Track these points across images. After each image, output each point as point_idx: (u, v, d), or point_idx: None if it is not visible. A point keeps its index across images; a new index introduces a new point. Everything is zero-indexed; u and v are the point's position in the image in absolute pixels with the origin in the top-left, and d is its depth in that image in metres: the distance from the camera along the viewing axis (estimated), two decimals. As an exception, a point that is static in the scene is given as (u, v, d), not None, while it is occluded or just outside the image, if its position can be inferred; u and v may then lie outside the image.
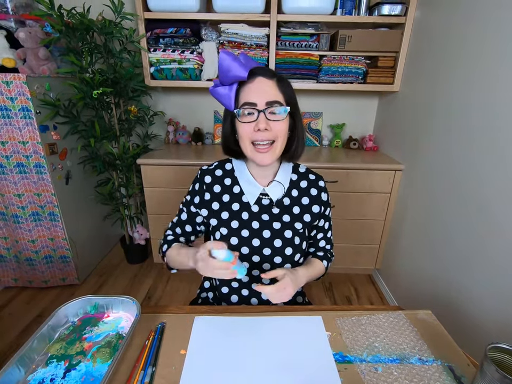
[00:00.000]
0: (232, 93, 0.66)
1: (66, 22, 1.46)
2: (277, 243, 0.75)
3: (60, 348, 0.59)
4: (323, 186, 0.82)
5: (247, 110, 0.66)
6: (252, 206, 0.77)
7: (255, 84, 0.66)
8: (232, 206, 0.78)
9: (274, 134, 0.68)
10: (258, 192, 0.77)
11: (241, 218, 0.77)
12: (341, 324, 0.67)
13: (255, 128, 0.66)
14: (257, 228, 0.76)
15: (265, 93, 0.66)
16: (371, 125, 2.08)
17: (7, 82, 1.36)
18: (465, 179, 1.14)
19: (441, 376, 0.55)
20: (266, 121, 0.66)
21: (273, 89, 0.66)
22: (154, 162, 1.66)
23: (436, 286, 1.30)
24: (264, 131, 0.66)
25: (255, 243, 0.76)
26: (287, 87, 0.69)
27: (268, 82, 0.66)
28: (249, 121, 0.66)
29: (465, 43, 1.16)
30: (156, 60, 1.67)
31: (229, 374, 0.55)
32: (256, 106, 0.65)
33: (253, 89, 0.66)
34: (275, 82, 0.67)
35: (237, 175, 0.79)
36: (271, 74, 0.68)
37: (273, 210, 0.77)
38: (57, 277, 1.78)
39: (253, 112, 0.66)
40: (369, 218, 1.76)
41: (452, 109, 1.23)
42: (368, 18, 1.59)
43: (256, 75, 0.66)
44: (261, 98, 0.65)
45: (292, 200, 0.78)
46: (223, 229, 0.77)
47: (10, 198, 1.56)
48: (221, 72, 0.64)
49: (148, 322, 0.66)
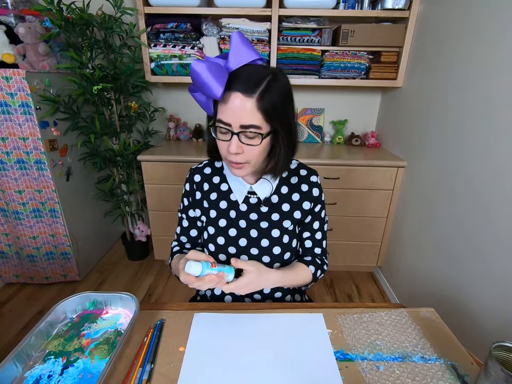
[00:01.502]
0: (210, 103, 0.61)
1: (65, 17, 1.44)
2: (264, 243, 0.74)
3: (58, 345, 0.58)
4: (315, 182, 0.77)
5: (222, 129, 0.61)
6: (240, 204, 0.75)
7: (230, 102, 0.57)
8: (220, 204, 0.76)
9: (247, 158, 0.62)
10: (245, 190, 0.75)
11: (229, 217, 0.75)
12: (342, 321, 0.66)
13: (228, 149, 0.61)
14: (244, 227, 0.75)
15: (241, 115, 0.57)
16: (373, 121, 2.06)
17: (6, 78, 1.35)
18: (468, 176, 1.13)
19: (444, 375, 0.54)
20: (239, 145, 0.60)
21: (250, 110, 0.57)
22: (155, 158, 1.65)
23: (438, 284, 1.29)
24: (236, 154, 0.61)
25: (242, 243, 0.74)
26: (269, 102, 0.57)
27: (245, 102, 0.56)
28: (224, 140, 0.62)
29: (469, 37, 1.14)
30: (156, 55, 1.66)
31: (228, 371, 0.54)
32: (231, 127, 0.59)
33: (228, 108, 0.57)
34: (254, 101, 0.56)
35: (226, 173, 0.77)
36: (253, 88, 0.56)
37: (261, 209, 0.75)
38: (58, 273, 1.78)
39: (227, 132, 0.60)
40: (371, 216, 1.74)
41: (456, 105, 1.21)
42: (371, 13, 1.56)
43: (233, 90, 0.56)
44: (236, 120, 0.58)
45: (280, 197, 0.76)
46: (210, 228, 0.76)
47: (11, 194, 1.56)
48: (195, 86, 0.58)
49: (147, 319, 0.66)
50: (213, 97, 0.56)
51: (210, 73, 0.54)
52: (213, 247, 0.76)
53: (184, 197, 0.81)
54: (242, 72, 0.58)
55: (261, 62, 0.62)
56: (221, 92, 0.55)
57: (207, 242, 0.77)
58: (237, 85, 0.56)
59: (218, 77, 0.54)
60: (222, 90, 0.55)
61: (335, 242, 1.78)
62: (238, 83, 0.57)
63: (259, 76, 0.58)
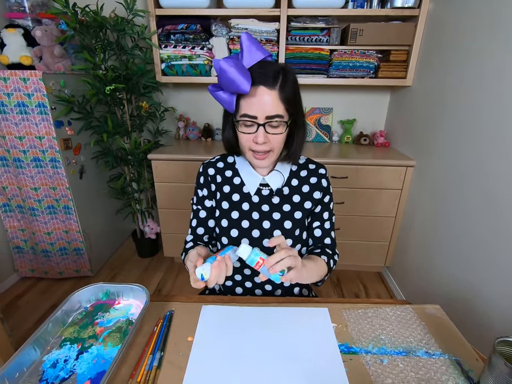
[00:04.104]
0: (233, 100, 0.65)
1: (80, 20, 1.49)
2: (276, 234, 0.76)
3: (73, 332, 0.61)
4: (323, 174, 0.80)
5: (247, 123, 0.66)
6: (252, 196, 0.78)
7: (256, 97, 0.62)
8: (233, 197, 0.78)
9: (272, 145, 0.68)
10: (258, 181, 0.77)
11: (241, 209, 0.77)
12: (347, 316, 0.67)
13: (253, 140, 0.66)
14: (257, 219, 0.77)
15: (266, 107, 0.63)
16: (382, 121, 2.05)
17: (24, 79, 1.41)
18: (478, 176, 1.11)
19: (448, 370, 0.54)
20: (265, 135, 0.65)
21: (274, 101, 0.63)
22: (165, 157, 1.68)
23: (447, 285, 1.28)
24: (262, 144, 0.66)
25: (255, 234, 0.77)
26: (289, 92, 0.64)
27: (269, 94, 0.62)
28: (249, 132, 0.66)
29: (480, 36, 1.13)
30: (167, 56, 1.69)
31: (234, 362, 0.56)
32: (256, 119, 0.64)
33: (254, 102, 0.63)
34: (277, 92, 0.63)
35: (238, 167, 0.80)
36: (273, 81, 0.63)
37: (273, 200, 0.77)
38: (71, 268, 1.84)
39: (253, 124, 0.65)
40: (379, 215, 1.73)
41: (466, 104, 1.20)
42: (380, 11, 1.56)
43: (257, 84, 0.62)
44: (261, 112, 0.63)
45: (291, 189, 0.78)
46: (224, 220, 0.78)
47: (27, 191, 1.62)
48: (222, 83, 0.62)
49: (157, 310, 0.68)
50: (241, 92, 0.61)
51: (237, 70, 0.59)
52: (226, 240, 0.78)
53: (198, 189, 0.82)
54: (257, 68, 0.63)
55: (270, 58, 0.67)
56: (249, 87, 0.60)
57: (220, 236, 0.79)
58: (259, 79, 0.62)
59: (245, 74, 0.60)
60: (250, 85, 0.60)
61: (343, 241, 1.78)
62: (259, 78, 0.62)
63: (274, 70, 0.64)
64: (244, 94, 0.63)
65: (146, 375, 0.52)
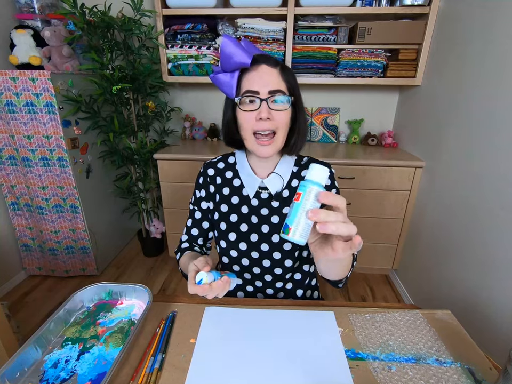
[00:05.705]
0: (234, 80, 0.64)
1: (88, 20, 1.50)
2: (275, 238, 0.74)
3: (75, 331, 0.61)
4: None
5: (249, 98, 0.64)
6: (252, 199, 0.75)
7: (258, 72, 0.64)
8: (232, 199, 0.77)
9: (276, 124, 0.65)
10: (257, 184, 0.75)
11: (240, 212, 0.76)
12: (353, 320, 0.65)
13: (256, 117, 0.64)
14: (256, 223, 0.75)
15: (268, 81, 0.63)
16: (391, 121, 2.02)
17: (33, 79, 1.42)
18: (488, 177, 1.08)
19: (460, 379, 0.52)
20: (268, 110, 0.63)
21: (276, 78, 0.64)
22: (171, 157, 1.68)
23: (455, 289, 1.24)
24: (266, 120, 0.63)
25: (253, 238, 0.75)
26: (290, 76, 0.67)
27: (271, 71, 0.64)
28: (251, 110, 0.64)
29: (491, 35, 1.09)
30: (174, 56, 1.70)
31: (237, 365, 0.55)
32: (259, 94, 0.63)
33: (256, 77, 0.64)
34: (278, 71, 0.65)
35: (238, 168, 0.78)
36: (275, 63, 0.65)
37: (272, 204, 0.75)
38: (77, 267, 1.85)
39: (255, 100, 0.63)
40: (387, 217, 1.70)
41: (476, 104, 1.16)
42: (389, 9, 1.53)
43: (259, 62, 0.64)
44: (264, 87, 0.63)
45: (291, 191, 0.75)
46: (222, 223, 0.76)
47: (35, 190, 1.64)
48: (223, 58, 0.63)
49: (160, 311, 0.67)
50: (242, 64, 0.62)
51: (238, 45, 0.62)
52: (224, 243, 0.76)
53: (196, 189, 0.82)
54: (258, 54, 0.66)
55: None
56: (249, 59, 0.62)
57: (219, 239, 0.78)
58: (261, 59, 0.65)
59: (245, 49, 0.63)
60: (251, 57, 0.62)
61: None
62: (261, 58, 0.65)
63: (274, 58, 0.67)
64: (245, 72, 0.65)
65: (147, 378, 0.51)
